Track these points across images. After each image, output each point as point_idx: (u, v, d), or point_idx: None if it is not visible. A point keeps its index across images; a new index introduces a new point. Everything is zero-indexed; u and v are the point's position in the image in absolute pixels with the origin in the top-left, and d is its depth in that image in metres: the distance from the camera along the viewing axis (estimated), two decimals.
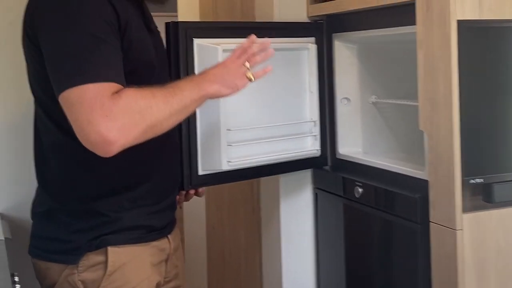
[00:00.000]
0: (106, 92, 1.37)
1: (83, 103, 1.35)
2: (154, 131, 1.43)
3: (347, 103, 2.13)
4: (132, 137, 1.38)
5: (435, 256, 1.66)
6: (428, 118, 1.66)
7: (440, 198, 1.64)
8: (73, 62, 1.39)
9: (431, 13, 1.63)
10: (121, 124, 1.36)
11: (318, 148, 2.09)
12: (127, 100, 1.38)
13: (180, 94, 1.46)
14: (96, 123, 1.34)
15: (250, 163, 1.95)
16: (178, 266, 1.72)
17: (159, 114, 1.42)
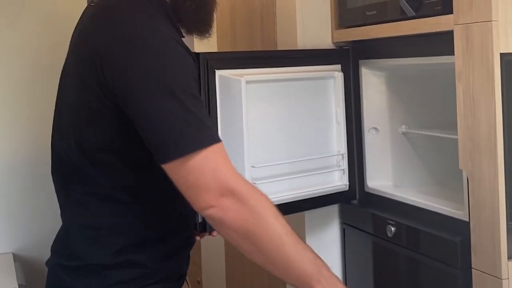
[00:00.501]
0: (226, 158, 1.32)
1: (204, 170, 1.29)
2: (247, 247, 1.31)
3: (376, 134, 2.01)
4: (232, 228, 1.30)
5: None
6: (469, 158, 1.54)
7: (483, 243, 1.52)
8: (182, 127, 1.29)
9: (471, 45, 1.51)
10: (234, 211, 1.29)
11: (346, 183, 1.98)
12: (252, 194, 1.31)
13: (294, 252, 1.31)
14: (215, 196, 1.29)
15: (276, 201, 1.83)
16: None
17: (265, 238, 1.30)
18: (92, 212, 1.44)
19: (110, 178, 1.42)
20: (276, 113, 1.88)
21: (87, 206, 1.44)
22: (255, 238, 1.30)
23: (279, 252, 1.31)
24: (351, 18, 1.96)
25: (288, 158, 1.88)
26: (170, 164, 1.30)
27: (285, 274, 1.34)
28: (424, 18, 1.66)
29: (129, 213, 1.43)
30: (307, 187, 1.90)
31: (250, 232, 1.30)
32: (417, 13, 1.68)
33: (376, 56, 1.94)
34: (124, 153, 1.41)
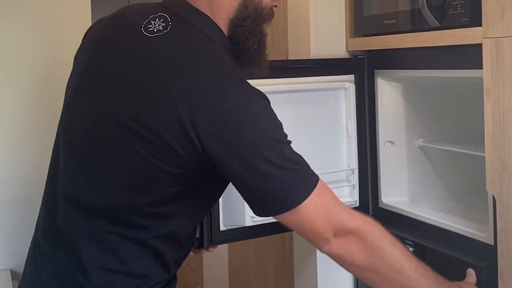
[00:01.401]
0: (333, 198, 1.33)
1: (318, 210, 1.29)
2: (370, 277, 1.35)
3: (391, 147, 1.91)
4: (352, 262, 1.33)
5: None
6: (497, 180, 1.44)
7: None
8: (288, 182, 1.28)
9: (502, 60, 1.41)
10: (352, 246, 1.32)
11: (356, 199, 1.88)
12: (367, 227, 1.33)
13: (416, 276, 1.34)
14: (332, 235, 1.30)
15: None
16: None
17: (385, 267, 1.33)
18: (118, 255, 1.32)
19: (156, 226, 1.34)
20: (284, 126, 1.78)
21: (113, 248, 1.32)
22: (377, 268, 1.33)
23: (402, 276, 1.33)
24: (367, 26, 1.86)
25: None
26: (281, 216, 1.30)
27: None
28: (449, 30, 1.56)
29: (157, 257, 1.36)
30: None
31: (371, 264, 1.32)
32: (441, 24, 1.58)
33: (393, 66, 1.83)
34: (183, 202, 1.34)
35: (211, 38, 1.34)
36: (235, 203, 1.66)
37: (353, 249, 1.32)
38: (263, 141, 1.27)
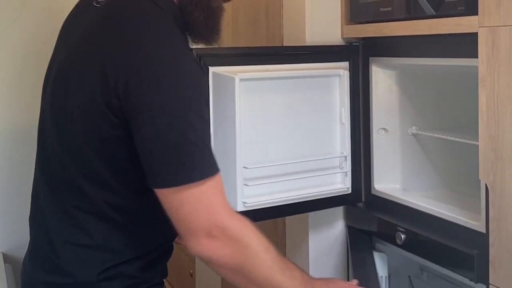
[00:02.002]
0: (221, 195, 1.28)
1: (198, 205, 1.25)
2: (238, 280, 1.32)
3: (385, 134, 1.90)
4: (222, 265, 1.30)
5: None
6: (491, 169, 1.44)
7: (504, 259, 1.42)
8: (188, 154, 1.23)
9: (497, 50, 1.40)
10: (224, 249, 1.28)
11: (348, 186, 1.86)
12: (245, 232, 1.30)
13: (284, 279, 1.33)
14: (205, 234, 1.26)
15: (269, 203, 1.73)
16: None
17: (255, 272, 1.31)
18: (84, 229, 1.34)
19: (105, 196, 1.33)
20: (275, 111, 1.76)
21: (78, 222, 1.35)
22: (247, 274, 1.31)
23: (271, 281, 1.33)
24: (363, 13, 1.84)
25: (286, 159, 1.76)
26: (165, 190, 1.25)
27: None
28: (445, 18, 1.54)
29: (123, 231, 1.35)
30: (305, 189, 1.79)
31: (242, 270, 1.31)
32: (437, 12, 1.56)
33: (388, 54, 1.82)
34: (124, 174, 1.32)
35: (159, 5, 1.34)
36: (227, 188, 1.64)
37: (224, 253, 1.28)
38: (178, 106, 1.23)
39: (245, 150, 1.66)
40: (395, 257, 1.90)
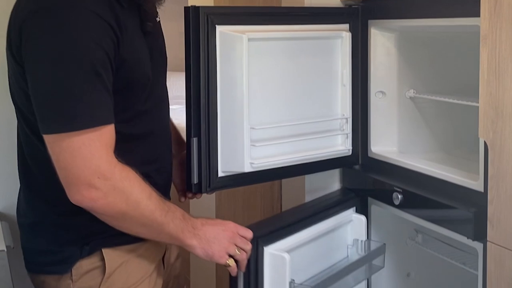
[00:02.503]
0: (103, 148, 1.28)
1: (76, 156, 1.27)
2: (122, 225, 1.36)
3: (382, 97, 1.89)
4: (104, 213, 1.33)
5: (492, 278, 1.45)
6: (491, 126, 1.43)
7: (502, 216, 1.42)
8: (67, 102, 1.25)
9: (499, 6, 1.38)
10: (106, 199, 1.30)
11: (349, 148, 1.85)
12: (125, 181, 1.32)
13: (167, 220, 1.38)
14: (85, 184, 1.28)
15: (275, 164, 1.72)
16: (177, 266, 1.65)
17: (139, 217, 1.35)
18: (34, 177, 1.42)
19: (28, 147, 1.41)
20: (280, 73, 1.74)
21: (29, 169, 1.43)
22: (128, 219, 1.35)
23: (153, 223, 1.37)
24: None
25: (290, 120, 1.74)
26: (46, 137, 1.28)
27: (159, 238, 1.43)
28: None
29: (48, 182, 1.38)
30: (308, 151, 1.78)
31: (122, 215, 1.34)
32: None
33: (387, 16, 1.80)
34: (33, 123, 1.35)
35: None
36: (234, 149, 1.64)
37: (104, 202, 1.30)
38: (58, 56, 1.25)
39: (252, 111, 1.65)
40: (390, 220, 1.90)
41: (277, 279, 1.59)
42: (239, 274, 1.53)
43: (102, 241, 1.42)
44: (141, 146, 1.46)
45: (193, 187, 1.62)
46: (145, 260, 1.48)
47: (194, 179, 1.61)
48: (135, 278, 1.45)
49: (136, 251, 1.47)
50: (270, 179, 1.84)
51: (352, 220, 1.85)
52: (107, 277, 1.41)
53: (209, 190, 1.64)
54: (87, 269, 1.42)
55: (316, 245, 1.75)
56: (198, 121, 1.60)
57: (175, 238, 1.41)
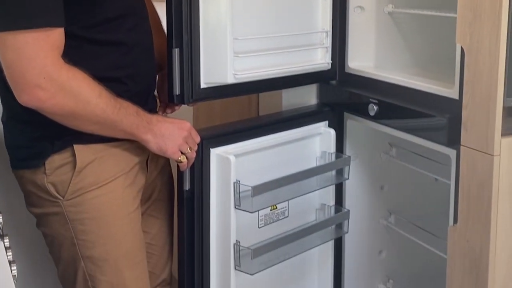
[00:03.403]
0: (49, 48, 1.26)
1: (21, 55, 1.24)
2: (74, 123, 1.36)
3: (361, 12, 1.85)
4: (54, 113, 1.33)
5: (464, 182, 1.46)
6: (468, 30, 1.41)
7: (476, 120, 1.41)
8: (14, 1, 1.21)
9: None
10: (54, 99, 1.29)
11: (329, 61, 1.83)
12: (73, 81, 1.30)
13: (119, 117, 1.38)
14: (31, 84, 1.27)
15: (257, 76, 1.69)
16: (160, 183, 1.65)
17: (90, 115, 1.35)
18: None
19: None
20: None
21: None
22: (78, 117, 1.35)
23: (106, 120, 1.37)
24: None
25: (273, 32, 1.70)
26: None
27: (114, 134, 1.42)
28: None
29: None
30: (289, 64, 1.75)
31: (71, 114, 1.33)
32: None
33: None
34: None
35: None
36: (217, 60, 1.60)
37: (53, 102, 1.30)
38: None
39: (235, 22, 1.60)
40: (365, 135, 1.90)
41: (223, 179, 1.62)
42: (185, 172, 1.58)
43: (74, 138, 1.42)
44: (111, 53, 1.44)
45: (175, 98, 1.59)
46: (121, 159, 1.48)
47: (176, 90, 1.58)
48: (109, 174, 1.45)
49: (111, 150, 1.46)
50: (252, 92, 1.81)
51: (321, 133, 1.84)
52: (78, 172, 1.42)
53: (191, 101, 1.61)
54: (59, 164, 1.42)
55: (279, 153, 1.76)
56: (180, 31, 1.55)
57: (130, 134, 1.42)
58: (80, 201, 1.43)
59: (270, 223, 1.75)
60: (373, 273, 1.97)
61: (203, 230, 1.63)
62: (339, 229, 1.84)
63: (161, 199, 1.68)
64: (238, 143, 1.68)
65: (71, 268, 1.47)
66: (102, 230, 1.45)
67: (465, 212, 1.44)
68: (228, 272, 1.63)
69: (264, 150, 1.73)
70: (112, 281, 1.47)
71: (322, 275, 1.89)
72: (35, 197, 1.46)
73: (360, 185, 1.92)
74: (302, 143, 1.83)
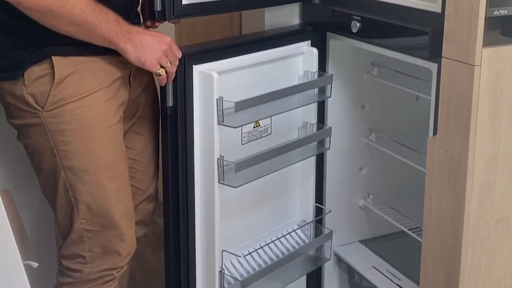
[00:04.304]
0: None
1: None
2: (52, 22, 1.34)
3: None
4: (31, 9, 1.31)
5: (445, 94, 1.46)
6: None
7: (458, 31, 1.39)
8: None
9: None
10: None
11: None
12: None
13: (99, 20, 1.36)
14: None
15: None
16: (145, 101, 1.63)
17: (68, 14, 1.33)
18: None
19: None
20: None
21: None
22: (57, 14, 1.32)
23: (83, 23, 1.36)
24: None
25: None
26: None
27: (93, 39, 1.40)
28: None
29: None
30: None
31: (49, 10, 1.31)
32: None
33: None
34: None
35: None
36: None
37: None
38: None
39: None
40: (347, 55, 1.88)
41: (206, 96, 1.60)
42: (168, 89, 1.56)
43: (53, 49, 1.40)
44: None
45: (157, 14, 1.56)
46: (101, 73, 1.46)
47: (157, 6, 1.55)
48: (89, 86, 1.43)
49: (91, 64, 1.44)
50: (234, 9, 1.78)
51: (304, 53, 1.82)
52: (57, 83, 1.40)
53: (172, 17, 1.58)
54: (38, 75, 1.41)
55: (262, 72, 1.74)
56: None
57: (109, 41, 1.40)
58: (60, 112, 1.42)
59: (253, 140, 1.75)
60: (353, 189, 1.99)
61: (187, 146, 1.62)
62: (321, 146, 1.84)
63: (146, 117, 1.67)
64: (220, 60, 1.65)
65: (51, 178, 1.47)
66: (83, 142, 1.44)
67: (445, 123, 1.45)
68: (212, 186, 1.63)
69: (247, 68, 1.71)
70: (93, 191, 1.47)
71: (304, 191, 1.90)
72: (14, 108, 1.45)
73: (342, 104, 1.91)
74: (284, 62, 1.81)
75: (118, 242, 1.52)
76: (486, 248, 1.45)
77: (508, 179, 1.44)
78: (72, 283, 1.53)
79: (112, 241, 1.52)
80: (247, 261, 1.77)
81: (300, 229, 1.90)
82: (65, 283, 1.54)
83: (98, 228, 1.50)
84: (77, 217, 1.48)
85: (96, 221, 1.49)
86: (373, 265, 1.91)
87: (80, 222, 1.48)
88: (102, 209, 1.48)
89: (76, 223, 1.48)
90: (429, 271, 1.53)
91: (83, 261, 1.51)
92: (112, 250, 1.52)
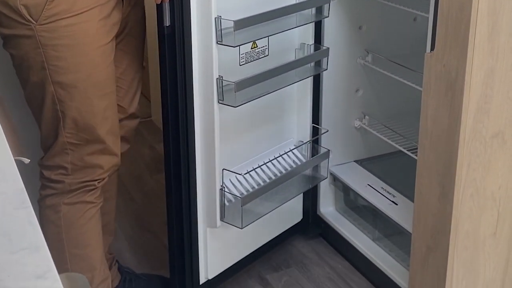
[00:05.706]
0: None
1: None
2: None
3: None
4: None
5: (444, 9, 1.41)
6: None
7: None
8: None
9: None
10: None
11: None
12: None
13: None
14: None
15: None
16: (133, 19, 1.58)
17: None
18: None
19: None
20: None
21: None
22: None
23: None
24: None
25: None
26: None
27: None
28: None
29: None
30: None
31: None
32: None
33: None
34: None
35: None
36: None
37: None
38: None
39: None
40: None
41: (204, 14, 1.55)
42: (165, 7, 1.51)
43: None
44: None
45: None
46: None
47: None
48: (84, 4, 1.40)
49: None
50: None
51: None
52: None
53: None
54: None
55: None
56: None
57: None
58: (54, 27, 1.38)
59: (251, 61, 1.71)
60: (349, 109, 1.97)
61: (186, 66, 1.59)
62: (318, 67, 1.81)
63: (133, 35, 1.62)
64: None
65: (39, 91, 1.45)
66: (74, 58, 1.41)
67: (443, 37, 1.41)
68: (212, 106, 1.61)
69: None
70: (81, 107, 1.45)
71: (301, 112, 1.88)
72: (5, 17, 1.40)
73: (339, 25, 1.87)
74: None
75: (101, 156, 1.52)
76: (482, 161, 1.44)
77: (505, 93, 1.42)
78: (55, 194, 1.53)
79: (94, 154, 1.51)
80: (246, 179, 1.76)
81: (297, 149, 1.89)
82: (48, 195, 1.54)
83: (82, 143, 1.49)
84: (62, 130, 1.47)
85: (81, 136, 1.48)
86: (368, 183, 1.92)
87: (65, 136, 1.47)
88: (88, 126, 1.47)
89: (61, 136, 1.47)
90: (424, 184, 1.53)
91: (65, 172, 1.51)
92: (94, 163, 1.52)
